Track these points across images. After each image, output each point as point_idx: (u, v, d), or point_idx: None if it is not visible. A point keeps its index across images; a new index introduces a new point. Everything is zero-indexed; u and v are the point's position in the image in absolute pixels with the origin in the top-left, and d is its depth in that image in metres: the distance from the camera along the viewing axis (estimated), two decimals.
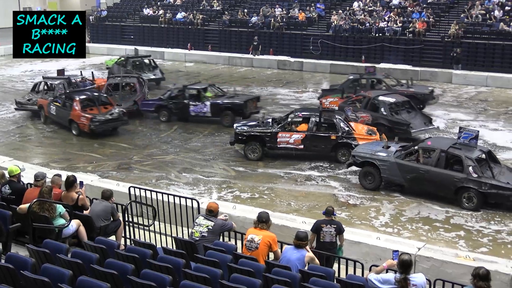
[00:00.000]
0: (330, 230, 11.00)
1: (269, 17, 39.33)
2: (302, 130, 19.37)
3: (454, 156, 16.04)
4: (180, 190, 16.61)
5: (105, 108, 23.00)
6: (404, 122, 20.68)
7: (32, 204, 9.81)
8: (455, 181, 15.74)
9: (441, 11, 36.34)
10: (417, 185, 16.53)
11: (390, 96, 22.05)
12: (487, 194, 15.50)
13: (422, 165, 16.29)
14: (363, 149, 17.59)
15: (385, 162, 16.76)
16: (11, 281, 7.32)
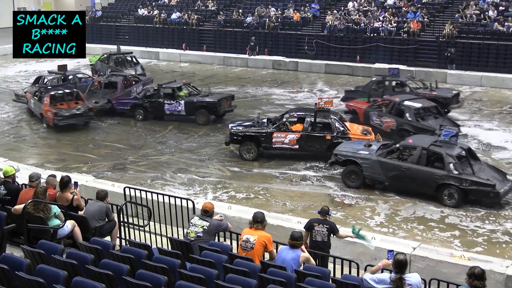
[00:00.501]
0: (322, 230, 11.08)
1: (264, 17, 39.34)
2: (297, 130, 19.37)
3: (435, 153, 16.28)
4: (175, 191, 16.60)
5: (76, 104, 23.69)
6: (429, 129, 19.82)
7: (27, 204, 9.79)
8: (436, 178, 15.96)
9: (435, 11, 36.41)
10: (399, 182, 16.71)
11: (417, 101, 21.37)
12: (468, 191, 15.74)
13: (404, 163, 16.51)
14: (345, 148, 17.75)
15: (367, 161, 16.93)
16: (6, 282, 7.30)
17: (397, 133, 20.33)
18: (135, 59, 33.23)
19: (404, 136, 19.13)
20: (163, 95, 24.24)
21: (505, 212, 15.56)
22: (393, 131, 20.73)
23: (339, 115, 20.04)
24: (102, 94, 25.89)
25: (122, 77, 26.94)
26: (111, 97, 25.41)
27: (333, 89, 30.76)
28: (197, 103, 23.82)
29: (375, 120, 21.17)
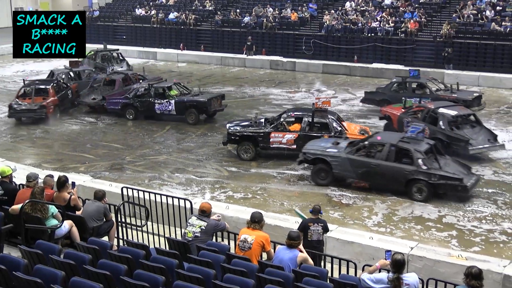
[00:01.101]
0: (318, 228, 11.20)
1: (261, 17, 39.34)
2: (295, 130, 19.36)
3: (404, 149, 16.54)
4: (173, 191, 16.59)
5: (43, 99, 24.58)
6: (463, 138, 19.02)
7: (25, 205, 9.78)
8: (406, 174, 16.24)
9: (433, 11, 36.44)
10: (369, 179, 16.98)
11: (452, 108, 20.30)
12: (437, 185, 16.07)
13: (373, 159, 16.72)
14: (314, 146, 17.87)
15: (337, 158, 17.09)
16: (3, 282, 7.30)
17: None
18: (121, 56, 34.36)
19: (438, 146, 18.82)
20: (154, 95, 24.29)
21: (503, 211, 15.58)
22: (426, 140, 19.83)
23: (336, 115, 20.03)
24: (102, 91, 26.23)
25: (123, 75, 27.35)
26: (107, 94, 25.76)
27: (330, 89, 30.77)
28: (187, 103, 23.89)
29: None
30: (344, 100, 28.24)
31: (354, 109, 26.37)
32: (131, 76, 27.80)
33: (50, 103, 24.60)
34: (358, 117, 24.96)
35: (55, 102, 24.94)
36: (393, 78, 26.47)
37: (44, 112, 24.35)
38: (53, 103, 24.77)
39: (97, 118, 25.18)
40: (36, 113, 24.36)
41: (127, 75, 27.71)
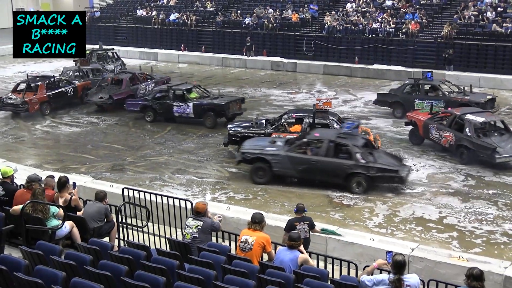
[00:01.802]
0: (304, 227, 11.28)
1: (262, 18, 39.34)
2: (296, 131, 19.33)
3: (342, 145, 17.15)
4: (173, 191, 16.59)
5: (34, 95, 25.22)
6: (489, 146, 18.39)
7: (26, 205, 9.78)
8: (345, 168, 16.82)
9: (434, 12, 36.44)
10: (309, 175, 17.39)
11: (480, 115, 19.65)
12: (374, 178, 16.75)
13: (313, 156, 17.20)
14: (251, 146, 18.21)
15: (276, 156, 17.44)
16: (4, 283, 7.29)
17: (456, 149, 19.26)
18: (116, 55, 34.74)
19: (463, 153, 18.97)
20: (173, 97, 24.00)
21: (504, 213, 15.58)
22: (451, 146, 19.41)
23: (337, 116, 20.04)
24: (109, 90, 26.47)
25: (130, 75, 27.71)
26: (114, 93, 25.99)
27: (331, 90, 30.79)
28: (205, 106, 23.53)
29: (434, 133, 19.97)
30: (345, 101, 28.24)
31: (355, 110, 26.37)
32: (139, 75, 28.12)
33: (34, 100, 25.07)
34: (359, 118, 24.91)
35: (42, 99, 25.38)
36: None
37: (26, 108, 24.88)
38: (39, 99, 25.24)
39: (98, 118, 25.22)
40: (18, 108, 25.07)
41: (134, 74, 28.01)
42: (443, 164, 19.10)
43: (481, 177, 17.98)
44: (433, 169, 18.79)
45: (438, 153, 20.01)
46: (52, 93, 25.91)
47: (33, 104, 25.04)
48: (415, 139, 21.15)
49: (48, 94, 25.71)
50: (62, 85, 26.83)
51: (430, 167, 18.96)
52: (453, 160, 19.28)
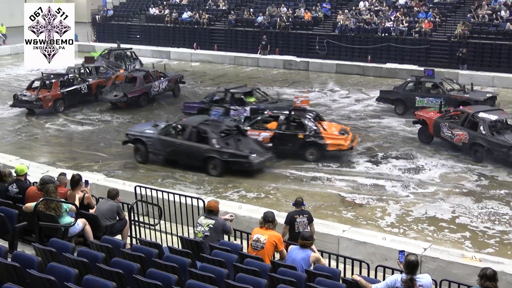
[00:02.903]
0: (303, 220, 11.38)
1: (275, 17, 39.31)
2: (272, 128, 19.62)
3: (202, 130, 18.57)
4: (185, 190, 16.61)
5: (48, 92, 25.44)
6: (505, 144, 18.38)
7: (38, 203, 9.82)
8: (202, 152, 18.22)
9: (447, 11, 36.26)
10: (175, 157, 18.94)
11: (492, 113, 19.67)
12: (228, 162, 18.03)
13: (177, 139, 18.79)
14: (136, 129, 20.29)
15: (150, 138, 19.10)
16: (17, 280, 7.33)
17: (470, 148, 19.27)
18: (134, 55, 34.63)
19: (477, 151, 18.99)
20: (230, 100, 23.07)
21: None
22: (464, 145, 19.42)
23: (315, 114, 20.15)
24: (123, 88, 26.58)
25: (144, 73, 27.77)
26: (128, 91, 26.09)
27: (344, 89, 30.71)
28: (262, 111, 22.02)
29: (445, 132, 19.99)
30: (358, 100, 28.18)
31: (368, 109, 26.30)
32: (152, 73, 28.13)
33: (48, 96, 25.32)
34: (372, 117, 24.91)
35: (56, 96, 25.65)
36: (407, 78, 26.39)
37: (40, 105, 25.16)
38: (53, 96, 25.50)
39: (111, 116, 25.31)
40: (32, 105, 25.32)
41: (148, 72, 28.02)
42: (455, 164, 19.02)
43: (494, 177, 17.89)
44: (445, 168, 18.72)
45: (451, 153, 19.94)
46: (66, 90, 26.15)
47: (47, 101, 25.26)
48: (424, 137, 21.12)
49: (62, 91, 25.94)
50: (76, 83, 27.10)
51: (442, 166, 18.88)
52: (466, 159, 19.21)
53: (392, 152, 20.26)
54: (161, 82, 27.82)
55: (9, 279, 7.33)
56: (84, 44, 44.53)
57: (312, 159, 19.15)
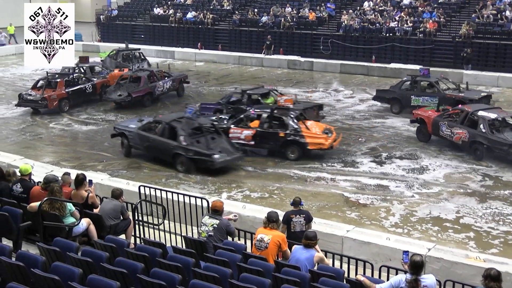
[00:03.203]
0: (300, 220, 11.23)
1: (279, 17, 39.31)
2: (254, 126, 19.80)
3: (172, 127, 18.98)
4: (189, 189, 16.61)
5: (53, 91, 25.48)
6: (505, 142, 18.51)
7: (43, 202, 9.84)
8: (170, 148, 18.63)
9: (452, 11, 36.20)
10: (150, 151, 19.56)
11: (492, 111, 19.89)
12: (193, 160, 18.29)
13: (151, 135, 19.27)
14: (123, 123, 21.15)
15: (131, 133, 19.74)
16: (21, 279, 7.34)
17: (469, 146, 19.36)
18: (142, 55, 34.46)
19: (477, 149, 19.08)
20: (247, 102, 22.53)
21: None
22: (464, 143, 19.49)
23: (298, 113, 20.16)
24: (127, 87, 26.58)
25: (148, 72, 27.76)
26: (132, 91, 26.10)
27: (348, 89, 30.69)
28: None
29: (445, 131, 20.05)
30: (362, 100, 28.16)
31: (372, 109, 26.27)
32: (156, 73, 28.15)
33: (53, 96, 25.42)
34: (376, 117, 24.90)
35: (62, 95, 25.72)
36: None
37: (45, 104, 25.24)
38: (58, 96, 25.58)
39: (115, 116, 25.34)
40: (37, 104, 25.40)
41: (152, 72, 28.02)
42: (460, 164, 18.99)
43: (499, 177, 17.87)
44: (450, 168, 18.69)
45: (455, 153, 19.91)
46: (71, 90, 26.22)
47: (52, 100, 25.33)
48: (422, 136, 21.24)
49: (67, 90, 26.01)
50: (81, 82, 27.18)
51: (446, 166, 18.85)
52: (471, 160, 19.17)
53: (396, 152, 20.24)
54: (165, 82, 27.85)
55: (13, 278, 7.34)
56: (89, 44, 44.64)
57: (293, 157, 19.33)
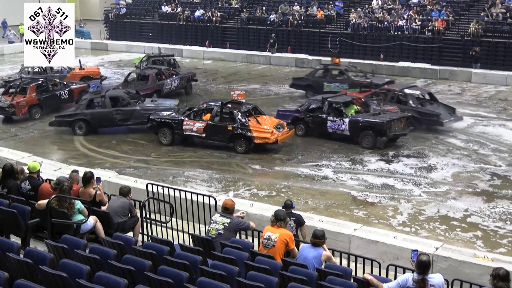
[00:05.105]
0: (290, 222, 11.01)
1: (287, 15, 39.27)
2: (206, 119, 20.38)
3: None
4: (197, 187, 16.63)
5: (23, 97, 23.97)
6: (434, 113, 21.54)
7: (51, 200, 9.87)
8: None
9: (460, 10, 36.08)
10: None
11: (414, 89, 23.23)
12: None
13: None
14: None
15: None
16: (29, 276, 7.37)
17: None
18: (174, 62, 32.08)
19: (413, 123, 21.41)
20: (327, 110, 21.11)
21: None
22: None
23: (250, 108, 20.56)
24: (135, 85, 26.53)
25: (156, 70, 27.54)
26: (140, 88, 26.06)
27: None
28: (362, 123, 20.48)
29: (375, 108, 21.42)
30: None
31: None
32: (164, 71, 27.93)
33: (22, 103, 23.82)
34: None
35: (32, 102, 24.12)
36: (419, 77, 26.67)
37: (13, 111, 23.72)
38: (27, 102, 23.97)
39: None
40: (5, 111, 23.88)
41: (160, 70, 27.85)
42: (467, 163, 18.94)
43: (507, 177, 17.82)
44: (457, 168, 18.64)
45: (463, 152, 19.87)
46: (43, 96, 24.59)
47: (21, 107, 23.72)
48: None
49: (39, 97, 24.41)
50: (57, 88, 25.55)
51: (454, 165, 18.80)
52: (479, 159, 19.15)
53: (404, 151, 20.20)
54: (173, 80, 27.82)
55: (21, 275, 7.36)
56: (97, 42, 44.75)
57: (241, 150, 19.92)
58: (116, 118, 22.20)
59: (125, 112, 22.28)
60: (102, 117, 22.28)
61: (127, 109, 22.33)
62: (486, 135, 21.87)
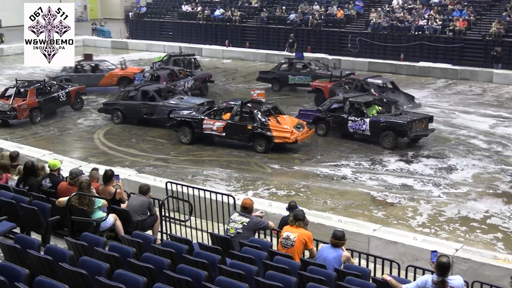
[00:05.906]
0: None
1: (307, 14, 39.21)
2: (226, 118, 20.45)
3: None
4: (216, 186, 16.66)
5: (23, 101, 23.40)
6: (392, 100, 22.73)
7: (71, 197, 9.94)
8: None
9: (482, 9, 35.77)
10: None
11: (377, 78, 25.34)
12: None
13: None
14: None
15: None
16: (50, 273, 7.43)
17: None
18: (196, 62, 31.84)
19: None
20: (348, 110, 21.04)
21: None
22: None
23: (270, 107, 20.65)
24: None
25: (169, 71, 27.37)
26: None
27: None
28: (383, 123, 20.36)
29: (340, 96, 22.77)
30: None
31: None
32: (178, 72, 27.74)
33: (23, 106, 23.33)
34: None
35: (32, 105, 23.64)
36: (440, 77, 26.63)
37: (14, 115, 23.24)
38: (29, 105, 23.49)
39: None
40: (6, 115, 23.33)
41: (173, 70, 27.61)
42: (488, 165, 18.79)
43: None
44: (478, 168, 18.49)
45: (484, 153, 19.72)
46: (43, 99, 24.15)
47: (22, 110, 23.26)
48: (319, 103, 24.10)
49: (39, 99, 23.94)
50: (54, 90, 25.06)
51: (474, 166, 18.66)
52: (500, 160, 18.99)
53: (424, 151, 20.08)
54: (186, 81, 27.36)
55: (41, 272, 7.42)
56: (117, 41, 45.00)
57: (260, 150, 19.99)
58: (142, 111, 23.16)
59: (150, 106, 23.08)
60: (132, 109, 23.44)
61: (152, 103, 23.12)
62: (508, 136, 21.69)
